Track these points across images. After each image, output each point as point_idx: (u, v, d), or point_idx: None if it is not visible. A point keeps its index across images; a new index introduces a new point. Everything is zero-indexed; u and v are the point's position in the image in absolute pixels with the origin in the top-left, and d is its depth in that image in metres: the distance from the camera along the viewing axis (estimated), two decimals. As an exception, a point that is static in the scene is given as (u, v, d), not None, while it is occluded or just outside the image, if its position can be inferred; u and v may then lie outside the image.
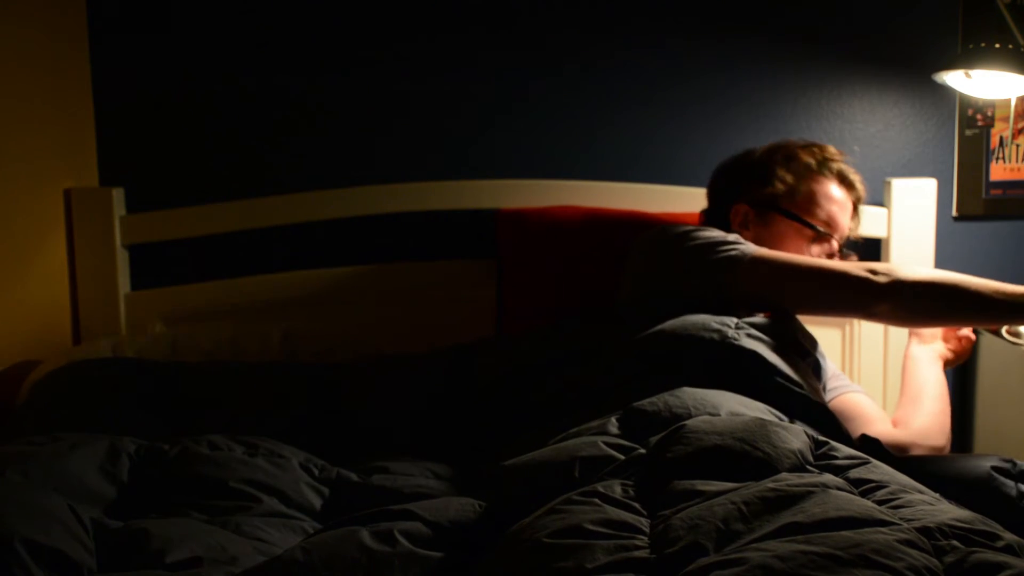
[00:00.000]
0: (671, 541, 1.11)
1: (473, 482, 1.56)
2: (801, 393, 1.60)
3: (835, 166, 2.01)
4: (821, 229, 1.95)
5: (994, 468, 1.38)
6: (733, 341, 1.64)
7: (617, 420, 1.50)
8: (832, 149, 2.03)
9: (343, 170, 2.42)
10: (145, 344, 2.11)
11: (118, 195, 2.35)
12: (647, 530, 1.16)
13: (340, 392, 1.90)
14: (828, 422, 1.57)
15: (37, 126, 2.20)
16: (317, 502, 1.56)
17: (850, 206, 2.01)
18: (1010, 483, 1.35)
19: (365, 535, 1.25)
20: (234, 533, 1.41)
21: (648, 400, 1.52)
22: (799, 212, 1.96)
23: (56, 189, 2.30)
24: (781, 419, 1.47)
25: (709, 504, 1.18)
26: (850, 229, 2.02)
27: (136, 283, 2.39)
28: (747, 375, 1.60)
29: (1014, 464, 1.38)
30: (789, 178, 1.97)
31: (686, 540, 1.10)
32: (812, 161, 1.99)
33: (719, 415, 1.46)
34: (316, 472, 1.62)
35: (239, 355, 2.10)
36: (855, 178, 2.02)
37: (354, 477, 1.61)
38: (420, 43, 2.41)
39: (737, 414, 1.45)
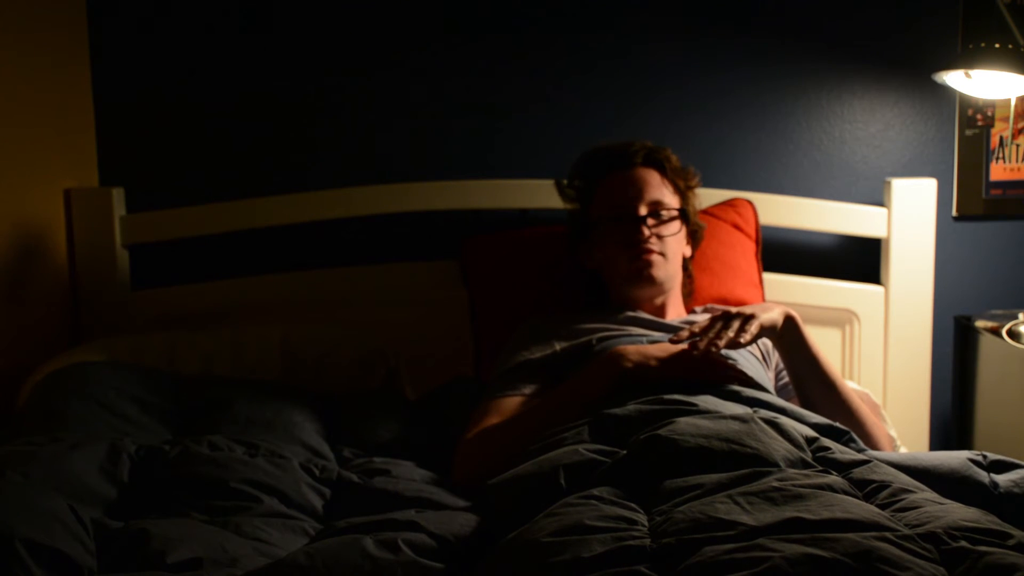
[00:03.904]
0: (672, 533, 1.12)
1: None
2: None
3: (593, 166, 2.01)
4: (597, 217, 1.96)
5: (968, 460, 1.39)
6: None
7: (589, 427, 1.51)
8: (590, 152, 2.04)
9: (343, 171, 2.42)
10: (145, 345, 2.11)
11: (118, 195, 2.35)
12: (646, 524, 1.18)
13: None
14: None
15: (37, 126, 2.20)
16: (318, 503, 1.56)
17: (629, 171, 1.97)
18: (984, 473, 1.36)
19: (369, 543, 1.26)
20: (234, 533, 1.41)
21: (618, 407, 1.54)
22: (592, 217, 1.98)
23: (56, 189, 2.30)
24: (775, 417, 1.48)
25: (711, 499, 1.18)
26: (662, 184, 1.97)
27: (136, 283, 2.39)
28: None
29: (985, 457, 1.40)
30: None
31: (688, 533, 1.11)
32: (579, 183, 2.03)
33: (695, 406, 1.48)
34: (317, 473, 1.62)
35: (238, 357, 2.10)
36: (612, 144, 2.02)
37: (355, 479, 1.61)
38: (419, 48, 2.41)
39: (715, 411, 1.47)
